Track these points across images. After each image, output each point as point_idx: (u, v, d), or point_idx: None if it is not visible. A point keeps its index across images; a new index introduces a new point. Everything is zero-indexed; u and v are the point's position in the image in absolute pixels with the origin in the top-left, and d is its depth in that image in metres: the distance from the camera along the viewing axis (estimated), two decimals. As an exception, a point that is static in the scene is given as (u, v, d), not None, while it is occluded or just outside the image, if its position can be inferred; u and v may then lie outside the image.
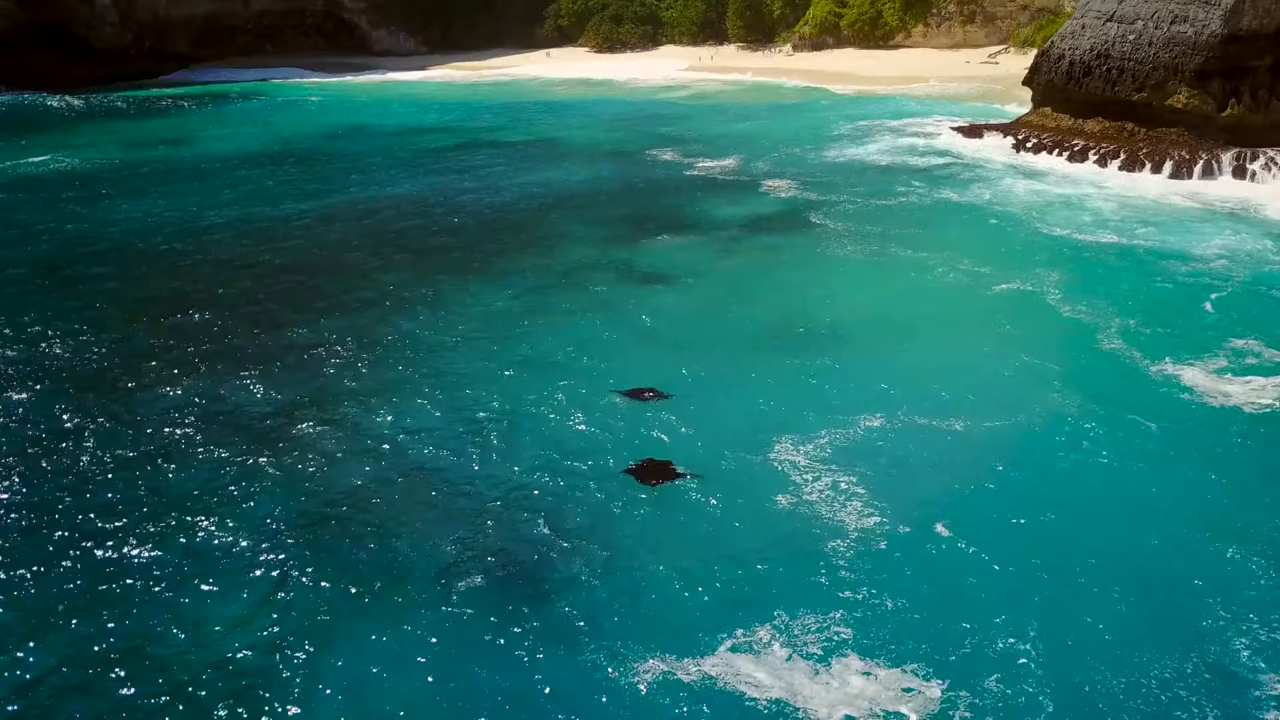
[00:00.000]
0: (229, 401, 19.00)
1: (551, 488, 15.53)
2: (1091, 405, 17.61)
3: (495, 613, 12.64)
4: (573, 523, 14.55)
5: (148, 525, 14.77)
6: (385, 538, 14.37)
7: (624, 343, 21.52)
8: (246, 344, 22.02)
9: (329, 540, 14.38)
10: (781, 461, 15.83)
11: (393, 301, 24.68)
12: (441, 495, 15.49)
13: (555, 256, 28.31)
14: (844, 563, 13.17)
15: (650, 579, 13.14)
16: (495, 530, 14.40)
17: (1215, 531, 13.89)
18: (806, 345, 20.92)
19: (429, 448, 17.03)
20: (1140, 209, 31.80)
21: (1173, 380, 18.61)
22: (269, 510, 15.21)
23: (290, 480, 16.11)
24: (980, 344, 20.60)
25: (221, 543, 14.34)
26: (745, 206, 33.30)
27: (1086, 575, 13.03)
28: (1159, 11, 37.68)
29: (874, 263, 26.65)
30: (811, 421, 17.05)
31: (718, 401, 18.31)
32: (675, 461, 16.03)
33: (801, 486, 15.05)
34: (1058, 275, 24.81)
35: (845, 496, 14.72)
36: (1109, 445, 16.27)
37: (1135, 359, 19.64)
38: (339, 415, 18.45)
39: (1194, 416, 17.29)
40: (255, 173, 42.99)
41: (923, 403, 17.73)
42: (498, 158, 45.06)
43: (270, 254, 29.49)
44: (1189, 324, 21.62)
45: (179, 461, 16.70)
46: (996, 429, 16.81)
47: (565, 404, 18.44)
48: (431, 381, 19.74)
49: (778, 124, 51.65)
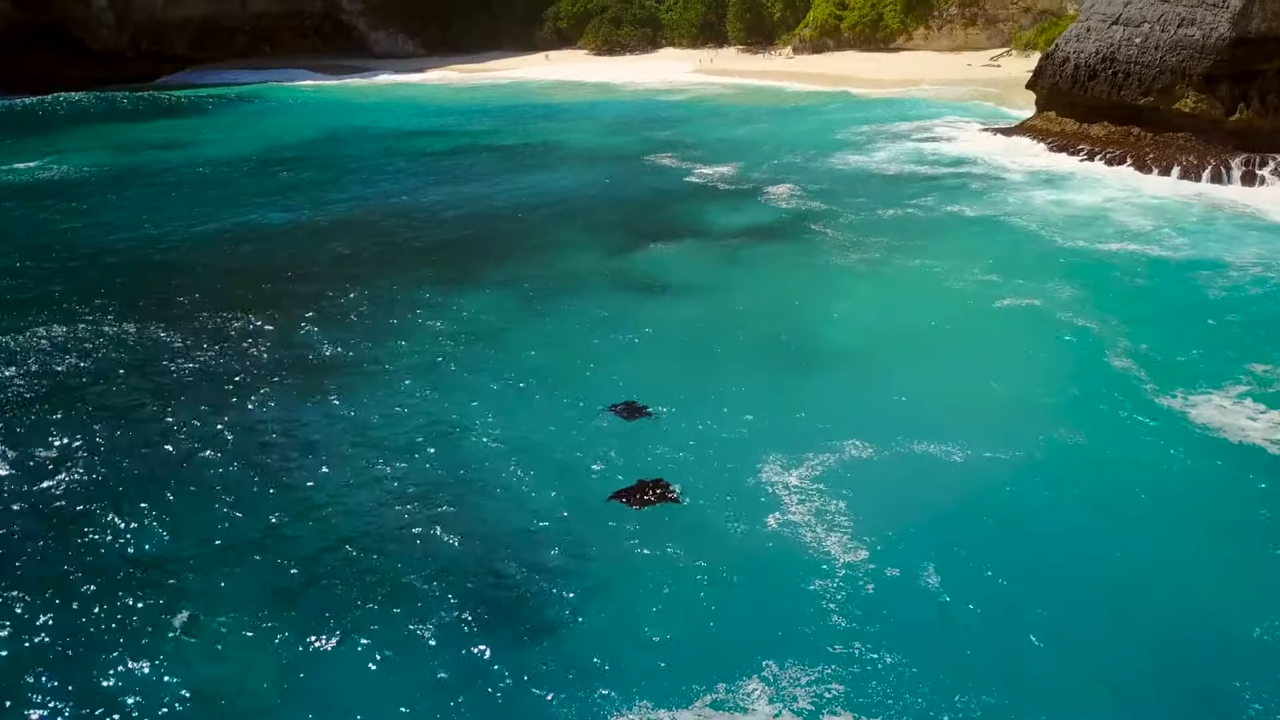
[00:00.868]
0: (197, 418, 18.26)
1: (534, 515, 14.80)
2: (1097, 440, 16.53)
3: (466, 656, 11.90)
4: (553, 555, 13.81)
5: (107, 545, 14.06)
6: (353, 573, 13.60)
7: (616, 356, 20.79)
8: (218, 355, 21.33)
9: (294, 574, 13.63)
10: (771, 486, 15.04)
11: (377, 311, 23.96)
12: (414, 524, 14.72)
13: (548, 266, 27.58)
14: (833, 605, 12.38)
15: (632, 619, 12.39)
16: (471, 563, 13.66)
17: (1225, 594, 12.67)
18: (802, 361, 20.16)
19: (404, 472, 16.25)
20: (1149, 215, 30.93)
21: (1185, 412, 17.33)
22: (232, 533, 14.47)
23: (254, 501, 15.39)
24: (982, 364, 19.72)
25: (180, 568, 13.63)
26: (745, 215, 32.56)
27: (1085, 633, 12.08)
28: (1165, 14, 36.92)
29: (875, 274, 25.84)
30: (803, 444, 16.25)
31: (708, 419, 17.55)
32: (665, 482, 15.30)
33: (790, 516, 14.26)
34: (1064, 287, 23.88)
35: (834, 530, 13.91)
36: (1113, 488, 15.17)
37: (1147, 386, 18.42)
38: (307, 432, 17.70)
39: (1208, 456, 15.99)
40: (247, 178, 42.32)
41: (918, 427, 16.84)
42: (494, 162, 44.35)
43: (254, 261, 28.79)
44: (1204, 344, 20.46)
45: (147, 477, 15.99)
46: (992, 462, 15.82)
47: (552, 422, 17.72)
48: (411, 396, 19.01)
49: (778, 128, 50.92)
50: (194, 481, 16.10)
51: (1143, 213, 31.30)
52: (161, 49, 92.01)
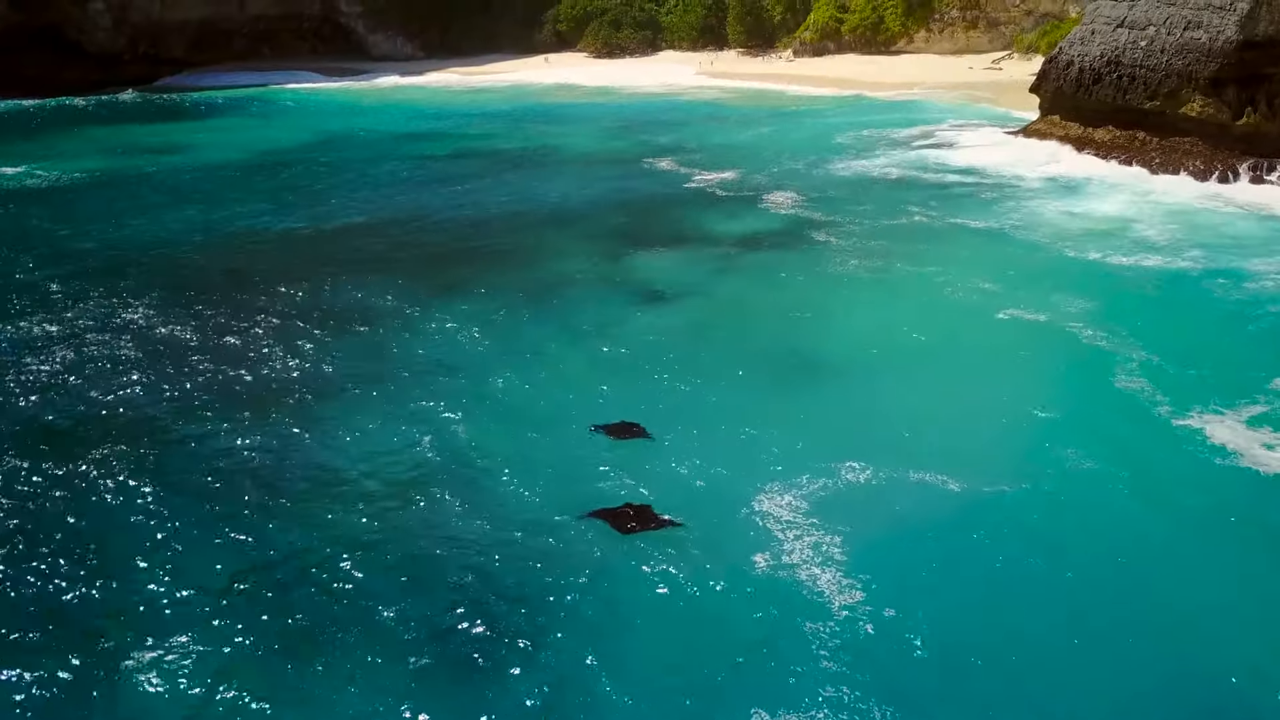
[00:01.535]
0: (156, 436, 17.59)
1: (515, 543, 14.07)
2: (1106, 467, 15.58)
3: (436, 701, 11.21)
4: (535, 586, 13.09)
5: (75, 573, 13.41)
6: (316, 606, 12.85)
7: (608, 371, 20.10)
8: (186, 364, 20.74)
9: (248, 607, 12.90)
10: (763, 518, 14.28)
11: (362, 321, 23.31)
12: (385, 550, 13.99)
13: (541, 274, 26.93)
14: (826, 651, 11.59)
15: (613, 661, 11.66)
16: (445, 597, 12.93)
17: (1250, 648, 11.66)
18: (800, 378, 19.44)
19: (376, 492, 15.51)
20: (1159, 221, 30.10)
21: (1201, 433, 16.35)
22: (198, 561, 13.79)
23: (212, 522, 14.70)
24: (985, 381, 18.94)
25: (141, 593, 13.00)
26: (745, 222, 31.88)
27: (1097, 682, 11.22)
28: (1172, 17, 36.23)
29: (878, 284, 25.08)
30: (798, 469, 15.48)
31: (701, 439, 16.85)
32: (655, 508, 14.57)
33: (783, 548, 13.51)
34: (1071, 297, 23.05)
35: (828, 564, 13.12)
36: (1124, 522, 14.23)
37: (1161, 406, 17.41)
38: (275, 448, 17.02)
39: (1226, 487, 14.92)
40: (239, 183, 41.61)
41: (918, 451, 16.01)
42: (489, 167, 43.69)
43: (238, 266, 28.18)
44: (1219, 357, 19.52)
45: (111, 496, 15.35)
46: (996, 493, 14.91)
47: (539, 441, 17.01)
48: (388, 412, 18.30)
49: (780, 132, 50.27)
50: (155, 499, 15.44)
51: (1153, 218, 30.52)
52: (159, 51, 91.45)
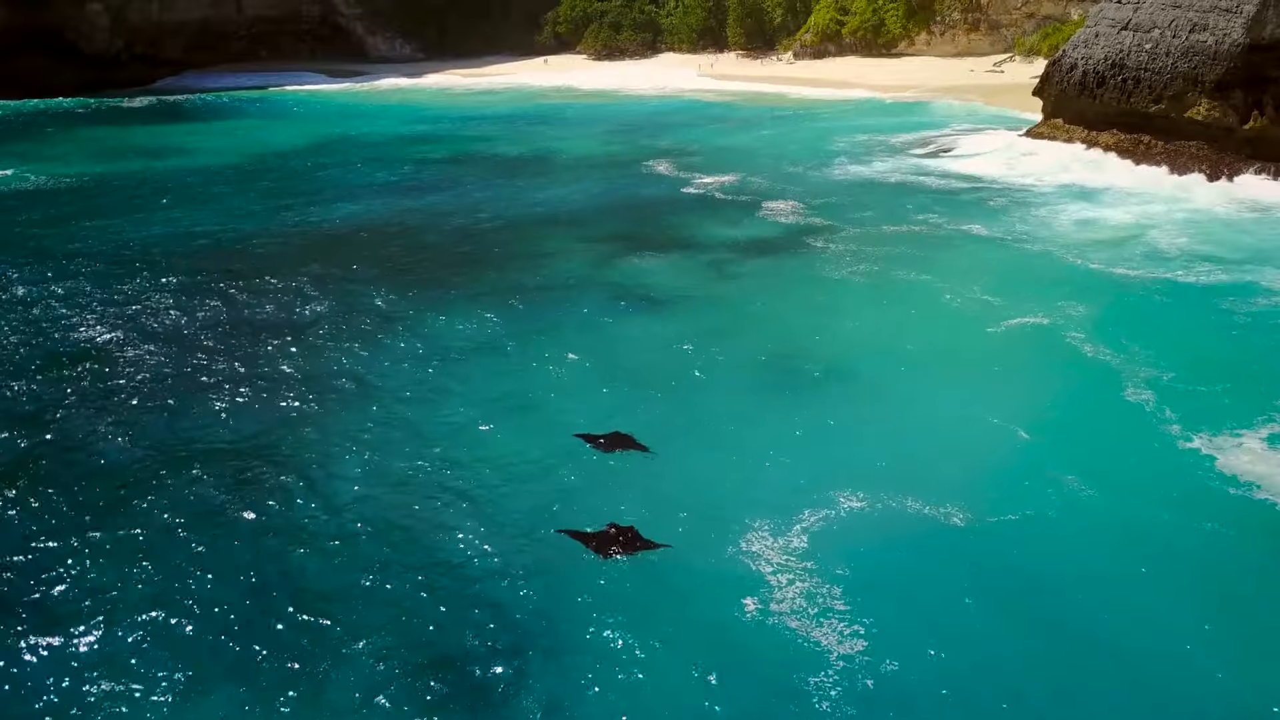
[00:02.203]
0: (133, 452, 17.04)
1: (493, 566, 13.41)
2: (1114, 497, 14.65)
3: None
4: (499, 615, 12.33)
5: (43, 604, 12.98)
6: (280, 636, 12.21)
7: (600, 380, 19.56)
8: (165, 366, 20.36)
9: (198, 620, 12.45)
10: (754, 550, 13.39)
11: (349, 328, 22.84)
12: (356, 572, 13.34)
13: (536, 281, 26.41)
14: (827, 706, 10.74)
15: (586, 710, 10.81)
16: (413, 628, 12.25)
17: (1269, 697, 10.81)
18: (795, 394, 18.63)
19: (351, 506, 14.95)
20: (1169, 226, 29.48)
21: (1212, 459, 15.43)
22: (149, 571, 13.30)
23: (184, 537, 14.21)
24: (987, 400, 17.98)
25: (107, 628, 12.43)
26: (744, 229, 31.38)
27: None
28: (1177, 20, 35.94)
29: (879, 294, 24.34)
30: (791, 496, 14.64)
31: (692, 459, 16.17)
32: (641, 528, 13.89)
33: (774, 589, 12.54)
34: (1078, 308, 22.30)
35: (823, 611, 12.11)
36: (1133, 558, 13.31)
37: (1170, 427, 16.52)
38: (242, 462, 16.52)
39: (1240, 516, 13.98)
40: (230, 187, 41.08)
41: (916, 479, 15.03)
42: (485, 171, 43.29)
43: (224, 267, 27.80)
44: (1232, 375, 18.50)
45: (82, 520, 14.87)
46: (999, 525, 13.96)
47: (527, 452, 16.44)
48: (376, 419, 17.85)
49: (780, 135, 49.89)
50: (109, 517, 14.94)
51: (1160, 224, 29.88)
52: (157, 53, 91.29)
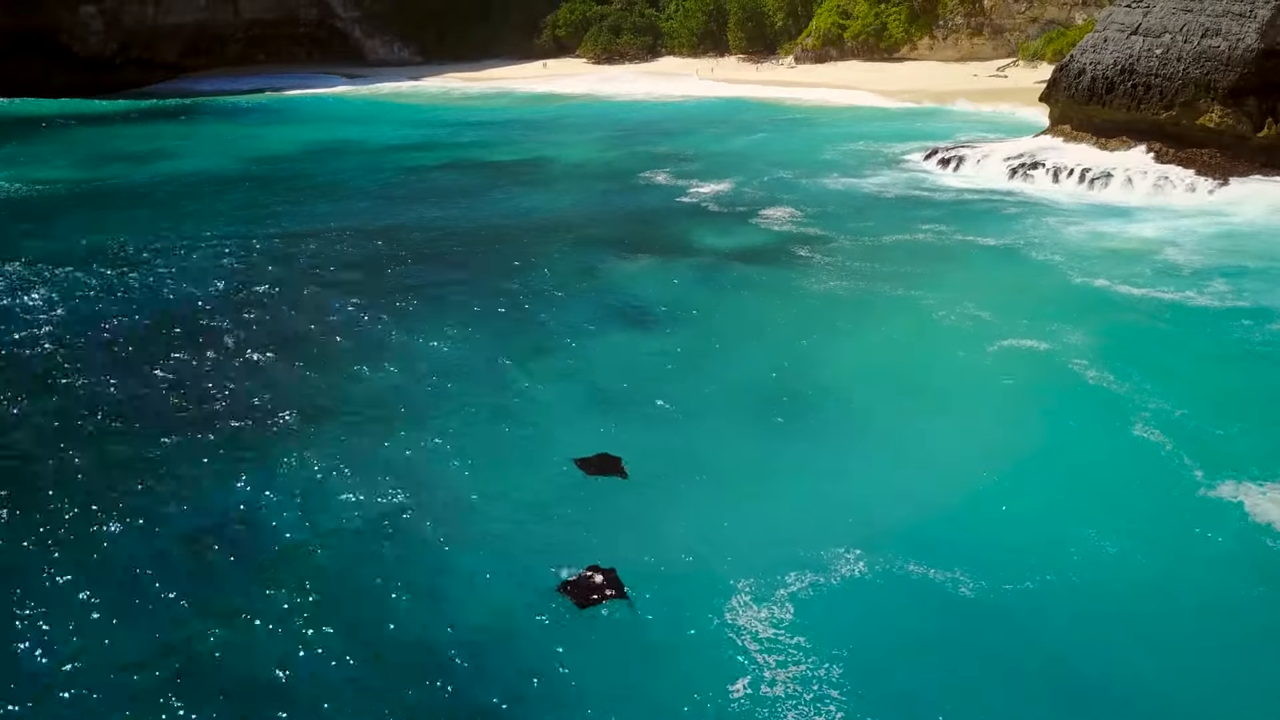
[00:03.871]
0: (119, 471, 16.36)
1: (458, 607, 12.66)
2: (1134, 557, 13.31)
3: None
4: (466, 665, 11.54)
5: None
6: (231, 688, 11.43)
7: (586, 399, 18.74)
8: (145, 386, 19.59)
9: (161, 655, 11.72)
10: (741, 622, 12.11)
11: (335, 343, 22.09)
12: (322, 615, 12.53)
13: (527, 291, 25.62)
14: None
15: None
16: (381, 666, 11.53)
17: None
18: (788, 424, 17.54)
19: (319, 540, 14.15)
20: (1182, 241, 28.55)
21: (1239, 505, 14.18)
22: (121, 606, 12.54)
23: (150, 565, 13.48)
24: (994, 442, 16.61)
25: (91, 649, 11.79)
26: (741, 239, 30.48)
27: None
28: (1188, 24, 35.09)
29: (880, 313, 23.24)
30: (782, 555, 13.37)
31: (680, 486, 15.33)
32: (619, 573, 12.97)
33: (763, 670, 11.28)
34: (1088, 335, 20.96)
35: (817, 698, 10.88)
36: (1159, 628, 12.16)
37: (1193, 472, 15.18)
38: (212, 489, 15.79)
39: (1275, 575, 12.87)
40: (217, 195, 40.03)
41: (916, 537, 13.75)
42: (479, 178, 42.44)
43: (211, 274, 27.10)
44: (1256, 411, 17.26)
45: (61, 538, 14.12)
46: (1011, 594, 12.60)
47: (507, 475, 15.70)
48: (351, 441, 17.05)
49: (779, 141, 49.06)
50: (104, 537, 14.20)
51: (1175, 236, 29.01)
52: (153, 56, 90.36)
